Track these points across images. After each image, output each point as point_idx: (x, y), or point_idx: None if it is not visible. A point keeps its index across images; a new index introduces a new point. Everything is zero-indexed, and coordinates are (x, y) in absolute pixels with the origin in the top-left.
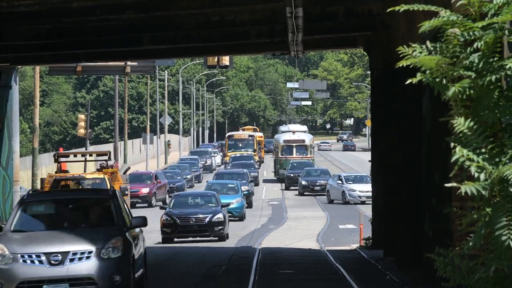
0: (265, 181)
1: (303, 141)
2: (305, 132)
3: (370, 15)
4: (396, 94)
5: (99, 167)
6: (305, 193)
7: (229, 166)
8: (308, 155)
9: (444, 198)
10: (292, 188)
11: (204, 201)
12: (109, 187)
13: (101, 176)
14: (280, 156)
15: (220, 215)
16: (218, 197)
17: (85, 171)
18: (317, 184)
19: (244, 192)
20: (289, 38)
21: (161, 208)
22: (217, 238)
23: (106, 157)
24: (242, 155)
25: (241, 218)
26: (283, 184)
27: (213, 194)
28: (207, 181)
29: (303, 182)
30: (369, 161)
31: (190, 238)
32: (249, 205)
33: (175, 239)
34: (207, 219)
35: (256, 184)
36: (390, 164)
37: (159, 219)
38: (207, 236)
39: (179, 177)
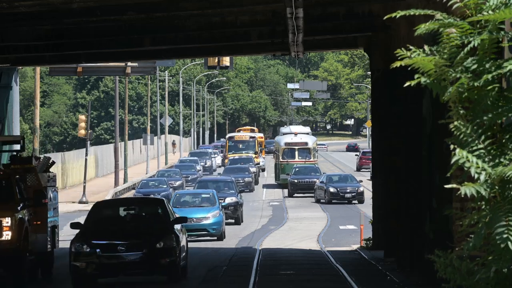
0: (265, 186)
1: (306, 143)
2: (308, 134)
3: (370, 16)
4: (397, 95)
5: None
6: (333, 201)
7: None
8: (312, 159)
9: (445, 199)
10: (296, 195)
11: (146, 214)
12: (17, 193)
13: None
14: (281, 160)
15: (170, 238)
16: (169, 206)
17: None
18: (348, 191)
19: (230, 204)
20: (290, 39)
21: (73, 226)
22: (166, 277)
23: (18, 147)
24: (241, 157)
25: (220, 237)
26: (285, 190)
27: (159, 202)
28: (175, 192)
29: (331, 189)
30: (356, 155)
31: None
32: (237, 221)
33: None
34: (147, 248)
35: (251, 190)
36: (390, 165)
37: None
38: (150, 272)
39: (165, 186)
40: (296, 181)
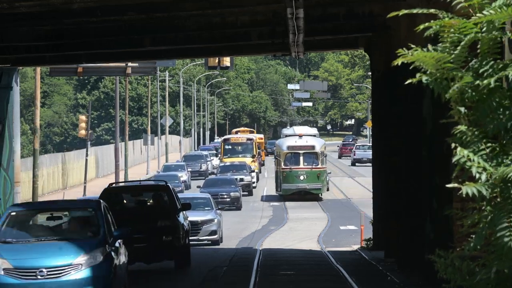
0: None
1: (313, 147)
2: (314, 136)
3: (370, 16)
4: (397, 95)
5: None
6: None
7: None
8: (319, 165)
9: (445, 199)
10: None
11: None
12: None
13: None
14: (283, 166)
15: None
16: None
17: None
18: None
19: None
20: (290, 39)
21: None
22: None
23: None
24: (233, 163)
25: None
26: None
27: None
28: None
29: None
30: (337, 146)
31: None
32: (179, 263)
33: None
34: None
35: (238, 208)
36: (390, 165)
37: None
38: None
39: None
40: None
